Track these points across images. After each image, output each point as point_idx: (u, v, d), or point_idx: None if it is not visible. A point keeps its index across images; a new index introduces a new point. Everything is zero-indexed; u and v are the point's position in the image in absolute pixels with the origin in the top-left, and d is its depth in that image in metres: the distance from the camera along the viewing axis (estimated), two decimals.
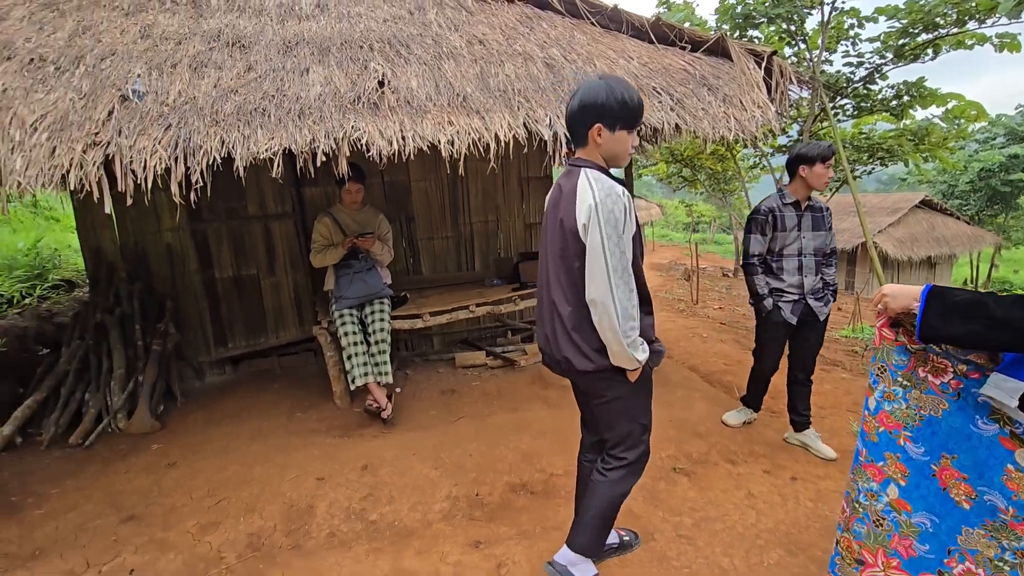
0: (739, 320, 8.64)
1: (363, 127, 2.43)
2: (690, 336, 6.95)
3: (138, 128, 2.20)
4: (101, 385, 3.87)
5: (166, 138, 2.17)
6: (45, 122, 2.12)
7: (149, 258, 4.37)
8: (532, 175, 5.23)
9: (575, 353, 1.81)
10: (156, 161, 2.09)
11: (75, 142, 2.08)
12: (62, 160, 2.01)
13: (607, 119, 1.69)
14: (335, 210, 3.79)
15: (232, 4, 3.15)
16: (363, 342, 3.61)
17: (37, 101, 2.20)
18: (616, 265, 1.63)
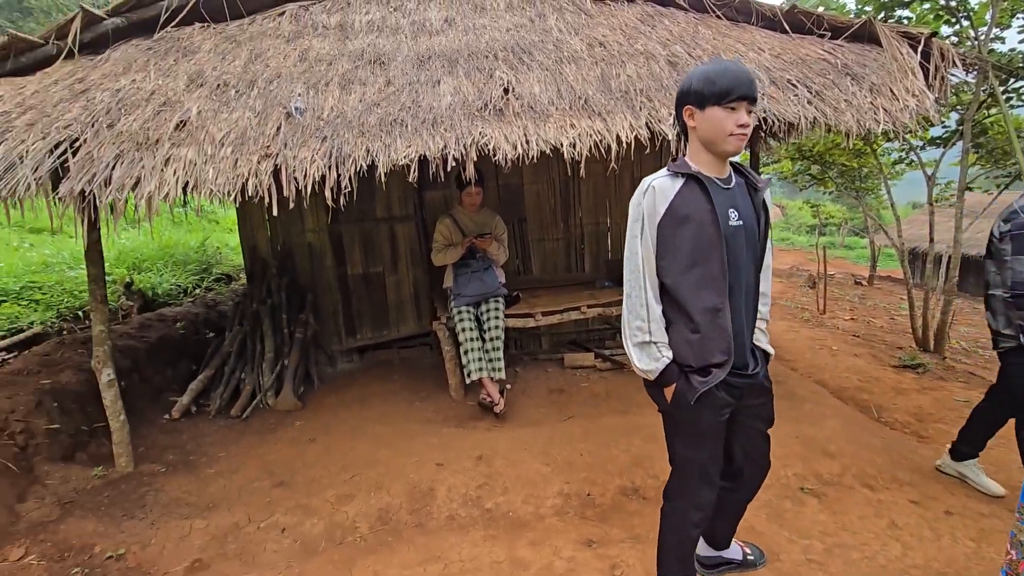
0: (875, 334, 7.79)
1: (489, 133, 2.56)
2: (816, 348, 6.39)
3: (299, 141, 2.51)
4: (255, 366, 4.42)
5: (322, 149, 2.46)
6: (230, 138, 2.50)
7: (294, 256, 4.92)
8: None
9: None
10: (314, 169, 2.37)
11: (251, 154, 2.43)
12: (242, 170, 2.36)
13: (694, 98, 1.59)
14: (455, 212, 4.01)
15: (372, 26, 3.46)
16: (479, 338, 3.77)
17: (223, 120, 2.60)
18: (627, 258, 1.63)
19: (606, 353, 4.79)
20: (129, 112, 2.59)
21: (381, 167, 2.45)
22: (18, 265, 5.48)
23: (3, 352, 4.01)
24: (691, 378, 1.59)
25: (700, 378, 1.58)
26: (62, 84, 2.76)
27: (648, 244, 1.58)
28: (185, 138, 2.50)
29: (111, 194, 2.25)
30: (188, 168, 2.36)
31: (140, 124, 2.52)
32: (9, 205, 2.32)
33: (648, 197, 1.60)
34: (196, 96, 2.74)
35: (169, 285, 6.06)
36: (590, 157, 2.66)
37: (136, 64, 2.94)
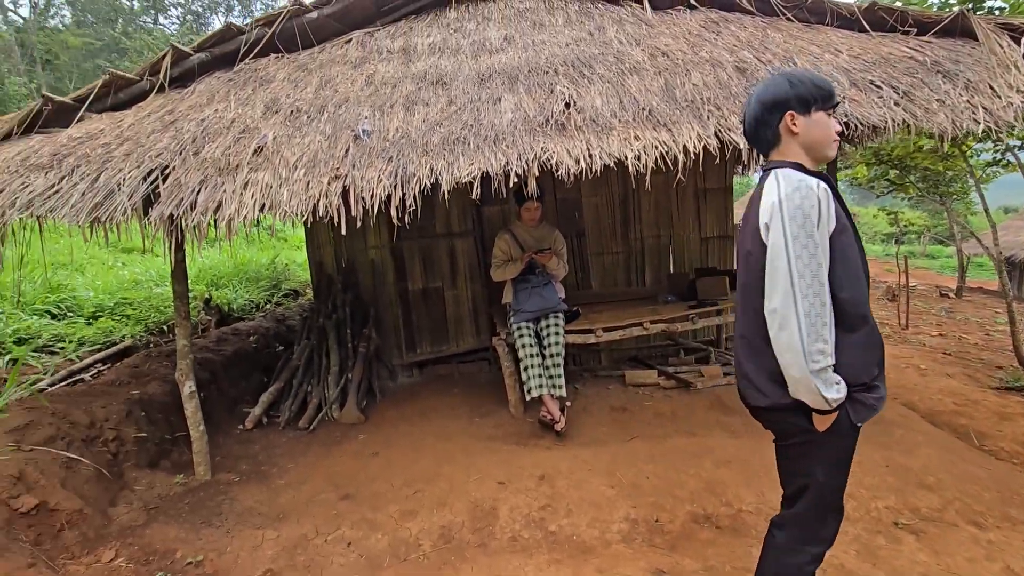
0: (969, 351, 7.12)
1: (552, 148, 2.53)
2: (902, 367, 5.89)
3: (367, 162, 2.59)
4: (321, 379, 4.57)
5: (388, 169, 2.52)
6: (302, 161, 2.61)
7: (357, 271, 5.07)
8: (710, 186, 4.95)
9: (747, 383, 1.59)
10: (381, 189, 2.42)
11: (322, 176, 2.52)
12: (314, 192, 2.45)
13: (799, 103, 1.51)
14: (514, 227, 4.01)
15: (434, 48, 3.55)
16: (539, 355, 3.73)
17: (296, 144, 2.73)
18: (803, 270, 1.36)
19: (669, 370, 4.62)
20: (212, 140, 2.76)
21: (444, 185, 2.48)
22: (112, 283, 5.96)
23: (99, 363, 4.34)
24: (859, 397, 1.47)
25: (870, 396, 1.49)
26: (154, 116, 2.99)
27: (823, 253, 1.42)
28: (262, 162, 2.64)
29: (195, 217, 2.40)
30: (264, 191, 2.48)
31: (222, 151, 2.68)
32: (107, 228, 2.52)
33: (822, 200, 1.42)
34: (272, 122, 2.89)
35: (243, 301, 6.41)
36: (652, 169, 2.58)
37: (218, 95, 3.15)
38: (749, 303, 1.56)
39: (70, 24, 28.47)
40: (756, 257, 1.51)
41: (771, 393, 1.52)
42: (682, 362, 4.82)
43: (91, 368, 4.20)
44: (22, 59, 22.45)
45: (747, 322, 1.59)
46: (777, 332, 1.42)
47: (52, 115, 3.01)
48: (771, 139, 1.61)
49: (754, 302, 1.52)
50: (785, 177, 1.47)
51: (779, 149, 1.59)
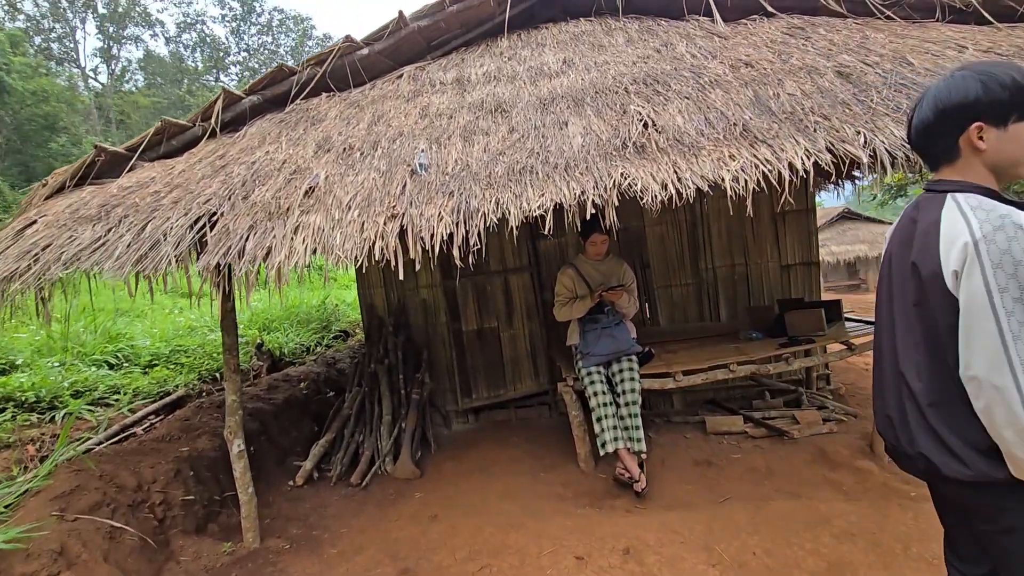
0: None
1: (633, 172, 2.21)
2: None
3: (425, 198, 2.35)
4: (373, 429, 4.30)
5: (449, 204, 2.27)
6: (356, 200, 2.40)
7: (408, 312, 4.85)
8: (788, 209, 4.49)
9: (939, 451, 1.22)
10: (442, 227, 2.16)
11: (378, 216, 2.30)
12: (369, 233, 2.22)
13: (992, 113, 1.17)
14: (578, 261, 3.68)
15: (489, 77, 3.35)
16: (613, 403, 3.33)
17: (349, 183, 2.53)
18: (1019, 331, 1.07)
19: (756, 416, 4.10)
20: (262, 183, 2.61)
21: (512, 219, 2.19)
22: (169, 329, 5.98)
23: (152, 415, 4.23)
24: None
25: None
26: (205, 161, 2.89)
27: None
28: (313, 204, 2.44)
29: (244, 266, 2.20)
30: (316, 235, 2.27)
31: (272, 194, 2.52)
32: (152, 280, 2.36)
33: None
34: (323, 161, 2.72)
35: (294, 344, 6.30)
36: (718, 193, 2.22)
37: (269, 136, 3.03)
38: (933, 359, 1.23)
39: (142, 86, 31.01)
40: (937, 310, 1.20)
41: (976, 465, 1.18)
42: (769, 405, 4.29)
43: (144, 421, 4.08)
44: (99, 120, 24.42)
45: (934, 387, 1.24)
46: (988, 404, 1.11)
47: (105, 165, 2.96)
48: (945, 153, 1.25)
49: (940, 364, 1.22)
50: (976, 209, 1.13)
51: (955, 166, 1.25)
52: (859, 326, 3.75)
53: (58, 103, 16.59)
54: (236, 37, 33.74)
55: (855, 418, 4.13)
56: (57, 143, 15.59)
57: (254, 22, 33.93)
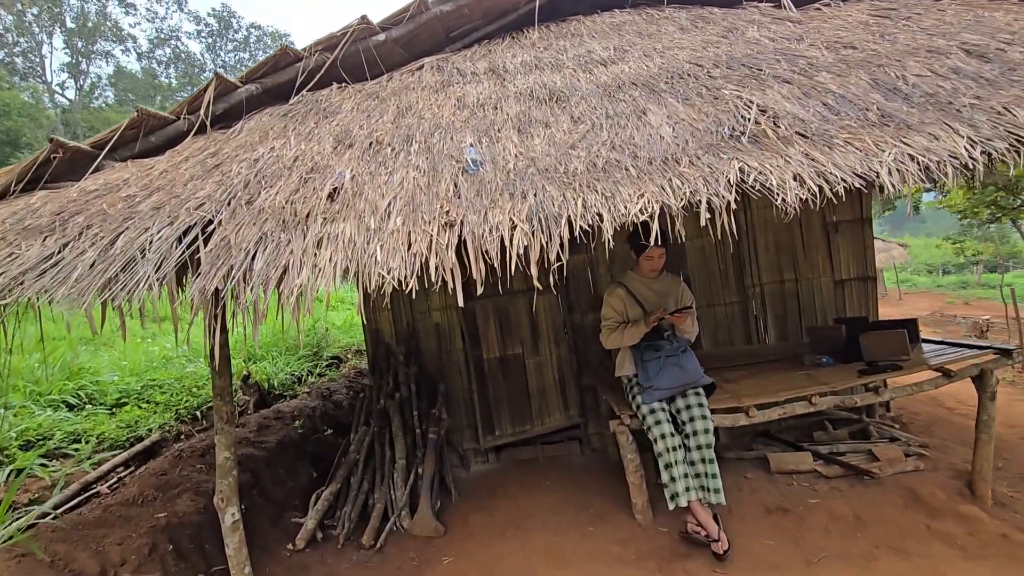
0: None
1: (755, 166, 1.74)
2: None
3: (487, 200, 1.84)
4: (385, 475, 3.69)
5: (522, 208, 1.76)
6: (396, 205, 1.87)
7: (420, 338, 4.29)
8: (841, 219, 4.10)
9: None
10: (518, 236, 1.65)
11: (428, 224, 1.77)
12: (420, 246, 1.69)
13: None
14: (627, 279, 3.19)
15: (528, 66, 2.89)
16: (682, 446, 2.82)
17: (383, 184, 2.01)
18: None
19: (823, 451, 3.63)
20: (270, 184, 2.06)
21: (607, 225, 1.69)
22: (141, 360, 5.28)
23: (120, 467, 3.56)
24: None
25: None
26: (193, 160, 2.33)
27: None
28: (340, 210, 1.91)
29: (254, 291, 1.64)
30: (347, 249, 1.73)
31: (285, 196, 1.97)
32: (126, 311, 1.78)
33: None
34: (347, 158, 2.19)
35: (284, 375, 5.65)
36: (765, 202, 1.77)
37: (273, 131, 2.49)
38: None
39: (112, 103, 29.94)
40: None
41: None
42: (834, 438, 3.83)
43: (110, 475, 3.42)
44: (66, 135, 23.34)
45: None
46: None
47: (64, 165, 2.37)
48: None
49: None
50: None
51: None
52: (940, 348, 3.33)
53: (20, 117, 15.66)
54: (212, 53, 32.98)
55: (926, 448, 3.69)
56: (19, 159, 14.64)
57: (231, 38, 33.26)
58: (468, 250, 1.70)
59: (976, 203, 7.33)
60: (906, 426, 4.15)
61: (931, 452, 3.65)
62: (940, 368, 2.99)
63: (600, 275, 4.19)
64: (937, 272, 29.69)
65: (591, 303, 4.20)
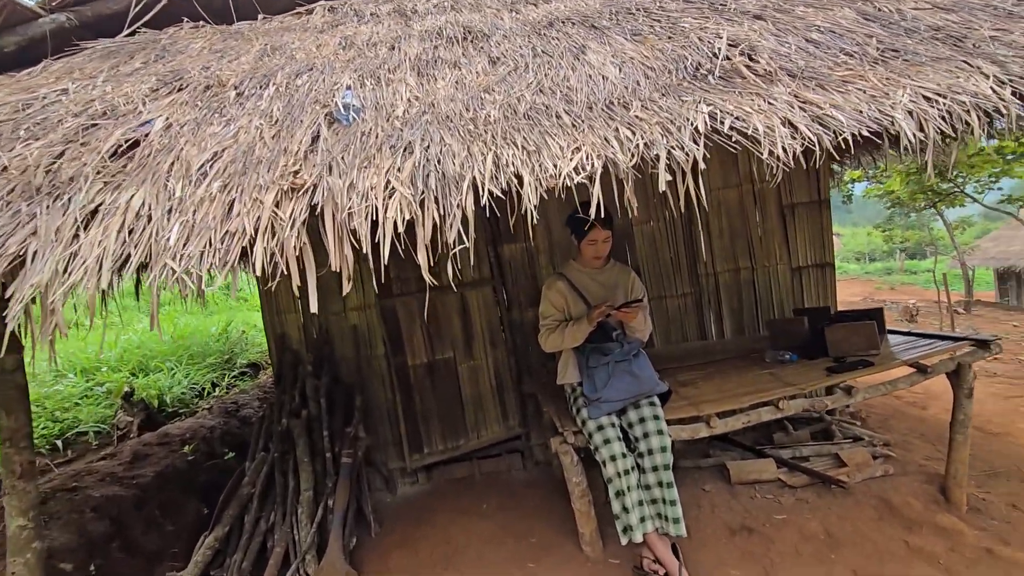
0: None
1: (730, 109, 1.27)
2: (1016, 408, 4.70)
3: (359, 157, 1.28)
4: (287, 511, 3.07)
5: (405, 167, 1.21)
6: (219, 163, 1.28)
7: (334, 343, 3.66)
8: (798, 201, 3.78)
9: None
10: (395, 206, 1.10)
11: (263, 190, 1.19)
12: (243, 222, 1.11)
13: None
14: (569, 270, 2.70)
15: (443, 7, 2.31)
16: (635, 467, 2.36)
17: (210, 136, 1.40)
18: None
19: (786, 456, 3.29)
20: (32, 135, 1.41)
21: (529, 190, 1.17)
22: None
23: None
24: None
25: None
26: None
27: None
28: (136, 170, 1.29)
29: None
30: (128, 230, 1.13)
31: (45, 152, 1.32)
32: None
33: None
34: (166, 103, 1.56)
35: (182, 388, 4.85)
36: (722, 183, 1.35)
37: (82, 72, 1.81)
38: None
39: None
40: None
41: None
42: (795, 440, 3.51)
43: None
44: None
45: None
46: None
47: None
48: None
49: None
50: None
51: None
52: (909, 340, 3.04)
53: None
54: None
55: (889, 447, 3.44)
56: None
57: None
58: (326, 228, 1.14)
59: (914, 190, 7.37)
60: (865, 422, 3.91)
61: (894, 451, 3.39)
62: (915, 364, 2.67)
63: (541, 266, 3.70)
64: (865, 259, 31.38)
65: (532, 298, 3.70)
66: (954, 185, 7.13)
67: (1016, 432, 4.02)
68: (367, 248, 1.14)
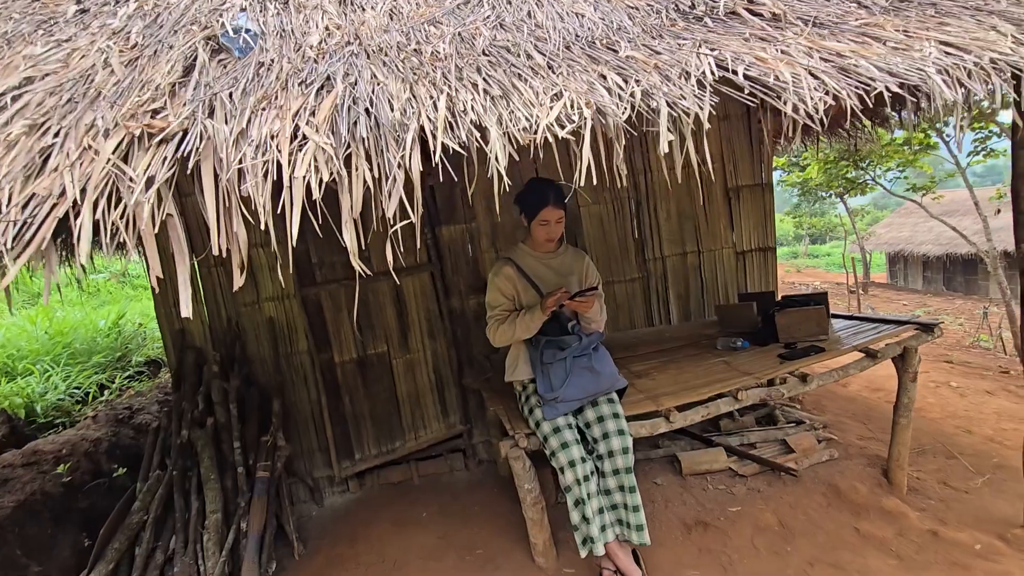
0: (948, 354, 6.63)
1: (738, 54, 1.02)
2: (932, 386, 5.03)
3: (254, 96, 0.91)
4: (190, 539, 2.62)
5: (323, 111, 0.86)
6: (31, 95, 0.86)
7: (246, 340, 3.19)
8: (743, 183, 3.72)
9: None
10: (310, 163, 0.76)
11: (100, 134, 0.80)
12: (63, 179, 0.73)
13: None
14: (518, 255, 2.42)
15: None
16: (595, 472, 2.15)
17: (23, 58, 0.96)
18: None
19: (735, 443, 3.24)
20: None
21: (496, 146, 0.87)
22: None
23: None
24: None
25: None
26: None
27: None
28: None
29: None
30: None
31: None
32: None
33: None
34: None
35: (59, 394, 4.13)
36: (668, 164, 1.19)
37: None
38: None
39: None
40: None
41: None
42: (740, 426, 3.47)
43: None
44: None
45: None
46: None
47: None
48: None
49: None
50: None
51: None
52: (854, 324, 3.04)
53: None
54: None
55: (828, 429, 3.49)
56: None
57: None
58: (204, 191, 0.78)
59: (831, 177, 7.74)
60: (803, 404, 3.97)
61: (833, 432, 3.44)
62: (865, 349, 2.65)
63: (483, 249, 3.40)
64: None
65: (473, 285, 3.40)
66: (864, 173, 7.53)
67: (927, 407, 4.24)
68: (266, 222, 0.80)
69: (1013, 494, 2.70)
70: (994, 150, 5.88)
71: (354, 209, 0.85)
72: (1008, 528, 2.42)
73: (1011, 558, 2.25)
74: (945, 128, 6.15)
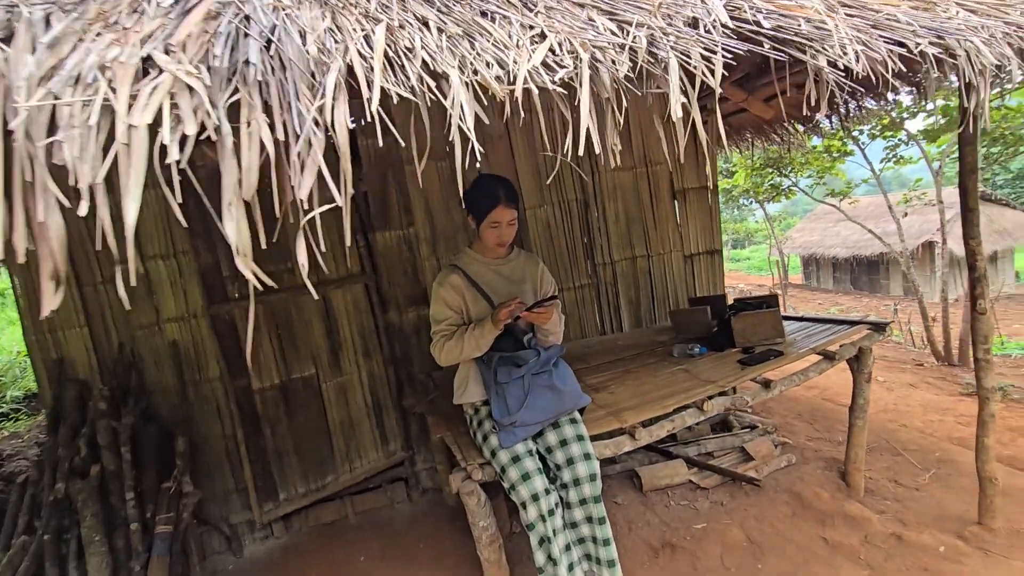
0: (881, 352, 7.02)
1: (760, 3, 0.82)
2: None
3: (77, 18, 0.59)
4: None
5: (185, 26, 0.56)
6: None
7: (143, 368, 2.70)
8: (689, 186, 3.66)
9: None
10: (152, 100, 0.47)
11: None
12: None
13: None
14: (465, 261, 2.15)
15: None
16: (559, 503, 1.91)
17: None
18: None
19: (692, 454, 3.12)
20: None
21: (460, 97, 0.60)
22: None
23: None
24: None
25: None
26: None
27: None
28: None
29: None
30: None
31: None
32: None
33: None
34: None
35: None
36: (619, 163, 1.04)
37: None
38: None
39: None
40: None
41: None
42: (696, 434, 3.37)
43: None
44: None
45: None
46: None
47: None
48: None
49: None
50: None
51: None
52: (805, 326, 3.01)
53: None
54: None
55: (779, 432, 3.46)
56: None
57: None
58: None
59: (757, 183, 8.05)
60: (754, 407, 3.94)
61: (786, 436, 3.41)
62: (823, 352, 2.59)
63: (423, 257, 3.10)
64: None
65: (412, 296, 3.09)
66: (786, 178, 7.88)
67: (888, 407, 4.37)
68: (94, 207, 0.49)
69: (960, 488, 2.73)
70: (903, 157, 6.29)
71: (244, 186, 0.56)
72: (964, 526, 2.42)
73: (973, 557, 2.23)
74: (860, 136, 6.51)
